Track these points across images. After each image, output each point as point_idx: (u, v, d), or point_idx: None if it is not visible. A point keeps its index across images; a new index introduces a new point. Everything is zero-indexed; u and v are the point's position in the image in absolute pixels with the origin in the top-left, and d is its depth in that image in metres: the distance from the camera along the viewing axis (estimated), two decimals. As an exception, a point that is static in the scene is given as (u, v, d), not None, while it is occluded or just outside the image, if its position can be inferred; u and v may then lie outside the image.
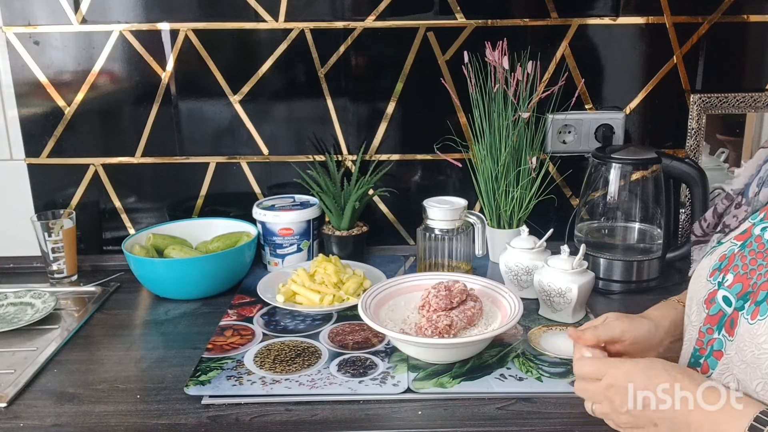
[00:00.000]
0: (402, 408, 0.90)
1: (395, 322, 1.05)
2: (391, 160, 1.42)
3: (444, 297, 1.02)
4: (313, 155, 1.42)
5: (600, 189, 1.27)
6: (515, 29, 1.34)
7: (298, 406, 0.91)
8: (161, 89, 1.37)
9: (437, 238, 1.26)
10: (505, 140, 1.29)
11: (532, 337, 1.05)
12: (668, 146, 1.40)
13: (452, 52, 1.35)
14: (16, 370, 1.01)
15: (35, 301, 1.23)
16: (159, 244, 1.31)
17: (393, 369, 0.98)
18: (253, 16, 1.33)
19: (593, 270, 1.17)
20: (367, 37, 1.35)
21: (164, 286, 1.24)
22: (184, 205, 1.45)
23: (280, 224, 1.33)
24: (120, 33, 1.34)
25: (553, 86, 1.32)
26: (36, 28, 1.34)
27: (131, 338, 1.12)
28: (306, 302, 1.19)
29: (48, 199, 1.43)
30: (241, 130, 1.40)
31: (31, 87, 1.36)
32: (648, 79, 1.37)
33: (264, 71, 1.37)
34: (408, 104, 1.39)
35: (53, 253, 1.31)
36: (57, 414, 0.91)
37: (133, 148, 1.40)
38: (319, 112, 1.39)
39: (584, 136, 1.38)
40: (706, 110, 1.36)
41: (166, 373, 1.00)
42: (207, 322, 1.15)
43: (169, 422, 0.88)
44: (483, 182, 1.33)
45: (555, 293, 1.10)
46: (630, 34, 1.35)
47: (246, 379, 0.96)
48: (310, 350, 1.04)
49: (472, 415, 0.88)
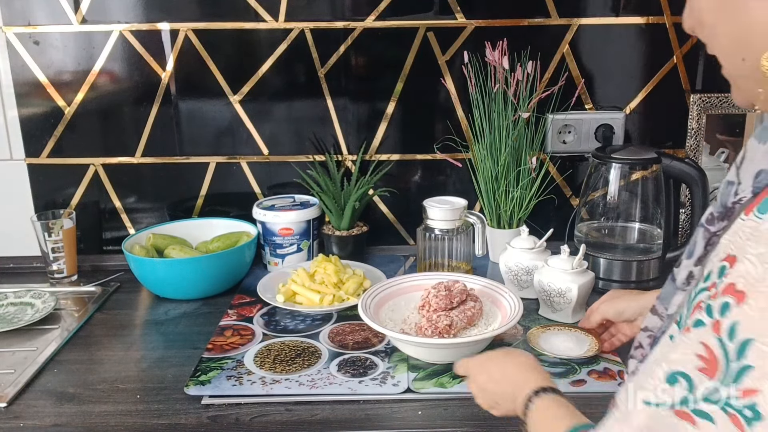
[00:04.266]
0: (402, 408, 0.90)
1: (395, 322, 1.05)
2: (391, 160, 1.42)
3: (444, 297, 1.02)
4: (313, 155, 1.42)
5: (600, 189, 1.27)
6: (515, 29, 1.34)
7: (298, 406, 0.91)
8: (161, 89, 1.37)
9: (437, 238, 1.26)
10: (505, 140, 1.29)
11: (531, 337, 1.05)
12: (668, 146, 1.40)
13: (452, 52, 1.35)
14: (16, 370, 1.01)
15: (35, 301, 1.23)
16: (159, 244, 1.31)
17: (393, 369, 0.98)
18: (253, 16, 1.33)
19: (593, 270, 1.17)
20: (367, 37, 1.35)
21: (164, 286, 1.24)
22: (184, 205, 1.45)
23: (280, 224, 1.33)
24: (120, 33, 1.34)
25: (553, 86, 1.32)
26: (36, 28, 1.34)
27: (131, 338, 1.12)
28: (306, 302, 1.19)
29: (48, 199, 1.43)
30: (241, 130, 1.40)
31: (31, 87, 1.36)
32: (648, 79, 1.37)
33: (264, 71, 1.37)
34: (408, 104, 1.39)
35: (53, 253, 1.31)
36: (57, 414, 0.91)
37: (133, 148, 1.40)
38: (319, 112, 1.39)
39: (584, 136, 1.38)
40: (706, 110, 1.36)
41: (166, 373, 1.00)
42: (207, 322, 1.15)
43: (169, 422, 0.88)
44: (483, 182, 1.33)
45: (555, 293, 1.10)
46: (630, 34, 1.35)
47: (246, 379, 0.96)
48: (310, 350, 1.04)
49: (472, 415, 0.88)
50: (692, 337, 0.49)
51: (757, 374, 0.45)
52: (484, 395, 0.82)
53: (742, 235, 0.48)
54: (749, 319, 0.46)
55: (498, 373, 0.81)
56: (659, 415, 0.50)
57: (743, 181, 0.55)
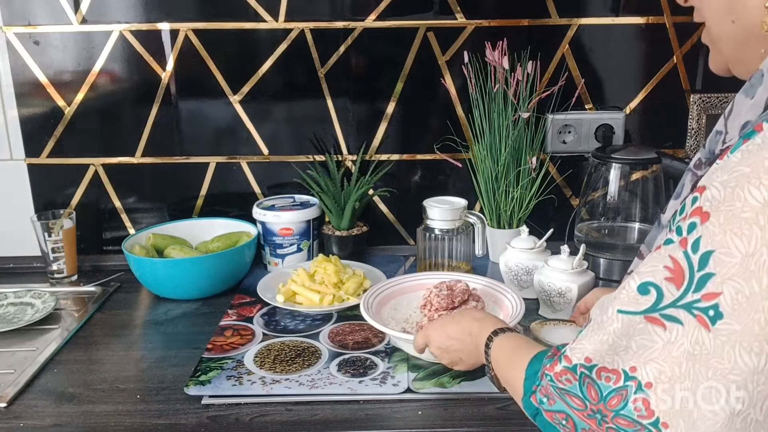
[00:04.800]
0: (402, 408, 0.90)
1: (397, 322, 1.06)
2: (391, 160, 1.42)
3: (446, 296, 1.02)
4: (313, 155, 1.42)
5: (600, 189, 1.28)
6: (515, 29, 1.34)
7: (298, 406, 0.91)
8: (161, 89, 1.37)
9: (437, 238, 1.26)
10: (505, 140, 1.29)
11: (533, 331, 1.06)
12: (668, 146, 1.40)
13: (452, 52, 1.35)
14: (16, 370, 1.01)
15: (35, 301, 1.23)
16: (159, 244, 1.31)
17: (393, 369, 0.98)
18: (253, 16, 1.33)
19: (593, 270, 1.17)
20: (367, 37, 1.35)
21: (164, 286, 1.24)
22: (184, 205, 1.45)
23: (280, 224, 1.33)
24: (120, 33, 1.34)
25: (553, 86, 1.32)
26: (36, 28, 1.33)
27: (131, 338, 1.12)
28: (306, 302, 1.19)
29: (48, 199, 1.42)
30: (241, 130, 1.40)
31: (31, 87, 1.36)
32: (648, 79, 1.37)
33: (264, 71, 1.36)
34: (408, 104, 1.39)
35: (53, 253, 1.31)
36: (57, 414, 0.91)
37: (133, 148, 1.40)
38: (319, 112, 1.39)
39: (584, 136, 1.38)
40: (706, 110, 1.36)
41: (166, 373, 1.00)
42: (207, 322, 1.15)
43: (169, 422, 0.88)
44: (483, 182, 1.33)
45: (555, 293, 1.10)
46: (630, 34, 1.35)
47: (246, 379, 0.96)
48: (310, 350, 1.04)
49: (472, 415, 0.88)
50: (662, 253, 0.55)
51: (718, 280, 0.51)
52: (447, 354, 0.89)
53: (713, 170, 0.54)
54: (711, 234, 0.52)
55: (455, 330, 0.87)
56: (632, 322, 0.55)
57: (730, 131, 0.63)
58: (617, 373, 0.56)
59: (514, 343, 0.77)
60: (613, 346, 0.56)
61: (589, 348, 0.58)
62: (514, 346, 0.76)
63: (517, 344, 0.76)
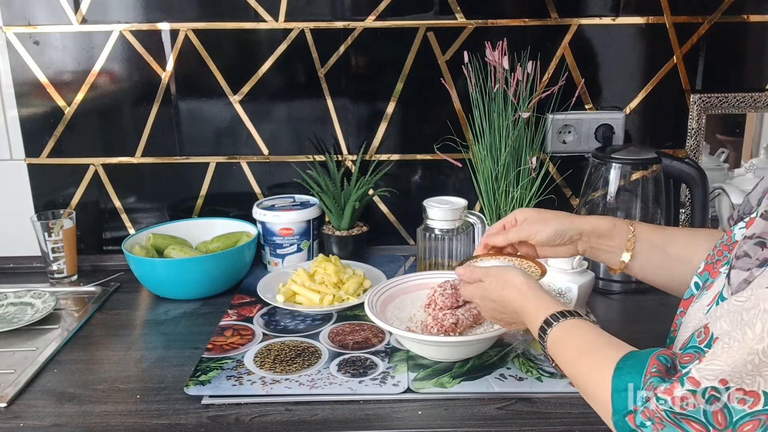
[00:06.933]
0: (402, 408, 0.90)
1: (401, 320, 1.06)
2: (391, 160, 1.42)
3: (450, 296, 1.02)
4: (313, 155, 1.42)
5: (600, 189, 1.27)
6: (515, 29, 1.34)
7: (298, 406, 0.91)
8: (161, 89, 1.37)
9: (437, 238, 1.26)
10: (505, 140, 1.29)
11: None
12: (668, 146, 1.40)
13: (452, 52, 1.35)
14: (16, 370, 1.01)
15: (35, 301, 1.23)
16: (159, 244, 1.31)
17: (393, 369, 0.98)
18: (253, 16, 1.33)
19: (593, 270, 1.17)
20: (367, 37, 1.35)
21: (164, 286, 1.24)
22: (184, 205, 1.45)
23: (280, 224, 1.33)
24: (120, 33, 1.34)
25: (553, 86, 1.32)
26: (36, 28, 1.34)
27: (131, 338, 1.12)
28: (306, 302, 1.19)
29: (48, 199, 1.42)
30: (241, 130, 1.40)
31: (31, 87, 1.36)
32: (648, 79, 1.37)
33: (264, 71, 1.37)
34: (408, 104, 1.39)
35: (53, 253, 1.31)
36: (57, 414, 0.91)
37: (133, 148, 1.40)
38: (319, 112, 1.39)
39: (584, 136, 1.38)
40: (706, 110, 1.36)
41: (166, 373, 1.00)
42: (207, 322, 1.15)
43: (169, 422, 0.88)
44: (483, 182, 1.33)
45: (555, 293, 1.10)
46: (630, 34, 1.35)
47: (246, 379, 0.96)
48: (310, 350, 1.04)
49: (472, 415, 0.88)
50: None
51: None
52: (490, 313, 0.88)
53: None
54: None
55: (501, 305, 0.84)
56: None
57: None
58: (756, 396, 0.50)
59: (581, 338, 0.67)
60: (758, 366, 0.50)
61: (727, 369, 0.51)
62: (583, 344, 0.66)
63: (586, 341, 0.66)
